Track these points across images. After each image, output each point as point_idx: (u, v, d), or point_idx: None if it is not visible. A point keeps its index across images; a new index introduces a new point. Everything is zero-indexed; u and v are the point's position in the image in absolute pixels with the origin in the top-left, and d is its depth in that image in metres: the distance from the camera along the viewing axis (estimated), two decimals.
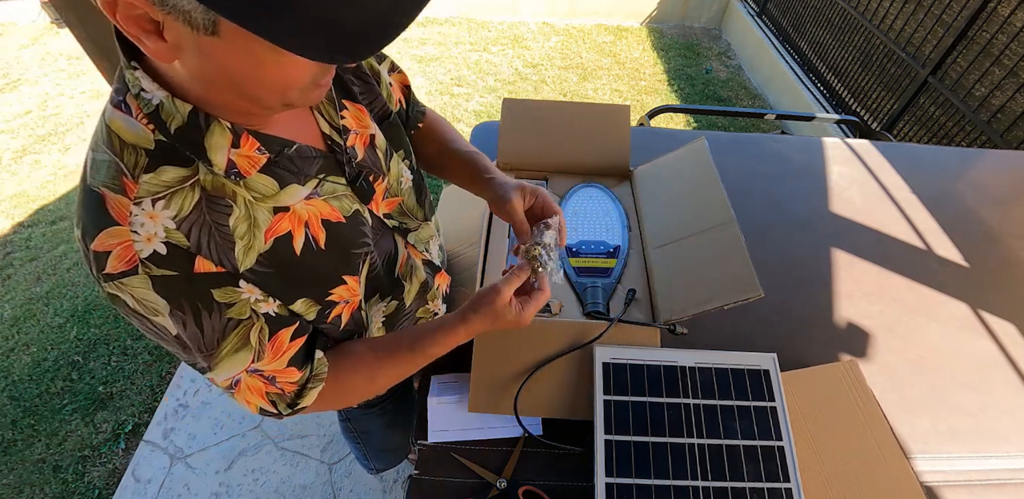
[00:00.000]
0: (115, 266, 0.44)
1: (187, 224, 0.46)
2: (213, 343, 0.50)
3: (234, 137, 0.47)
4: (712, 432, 0.74)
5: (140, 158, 0.45)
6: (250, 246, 0.50)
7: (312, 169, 0.55)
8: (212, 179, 0.47)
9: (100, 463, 1.73)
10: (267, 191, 0.51)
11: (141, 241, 0.44)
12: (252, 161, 0.49)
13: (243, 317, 0.51)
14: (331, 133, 0.58)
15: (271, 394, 0.57)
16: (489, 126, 1.39)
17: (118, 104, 0.45)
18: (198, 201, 0.47)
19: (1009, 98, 2.26)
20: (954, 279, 1.08)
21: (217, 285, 0.49)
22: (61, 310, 2.19)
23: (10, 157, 3.03)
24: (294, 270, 0.54)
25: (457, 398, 0.83)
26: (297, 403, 0.59)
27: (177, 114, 0.45)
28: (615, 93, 3.71)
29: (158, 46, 0.38)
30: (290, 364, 0.57)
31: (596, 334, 0.81)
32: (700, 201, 0.96)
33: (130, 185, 0.44)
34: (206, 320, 0.49)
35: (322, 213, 0.56)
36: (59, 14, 1.37)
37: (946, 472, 0.80)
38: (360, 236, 0.62)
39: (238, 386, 0.54)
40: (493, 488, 0.74)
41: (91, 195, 0.45)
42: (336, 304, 0.61)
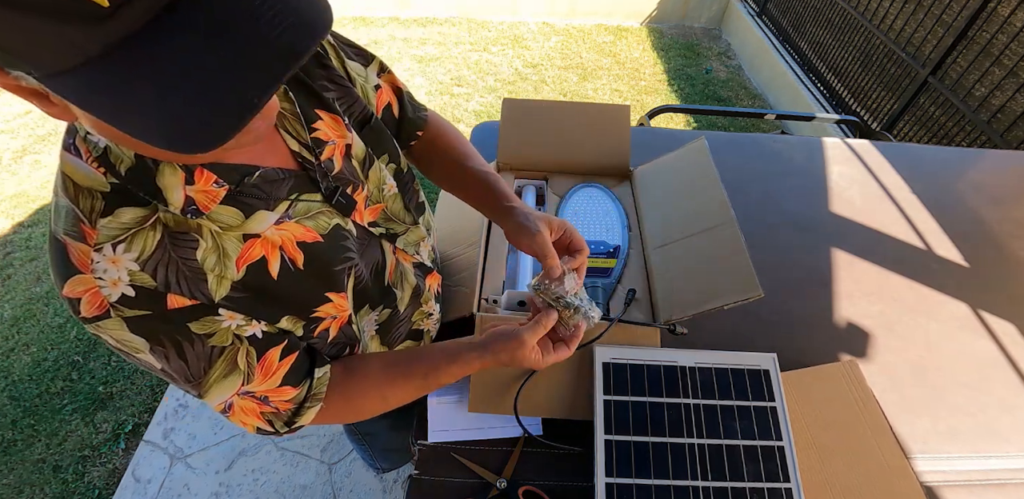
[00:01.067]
0: (88, 311, 0.44)
1: (151, 263, 0.45)
2: (200, 372, 0.50)
3: (187, 174, 0.45)
4: (712, 432, 0.74)
5: (96, 202, 0.43)
6: (222, 276, 0.49)
7: (283, 191, 0.52)
8: (172, 217, 0.46)
9: (100, 463, 1.73)
10: (232, 222, 0.49)
11: (107, 286, 0.44)
12: (210, 195, 0.47)
13: (226, 344, 0.50)
14: (300, 150, 0.54)
15: (266, 414, 0.56)
16: (489, 126, 1.39)
17: (68, 147, 0.44)
18: (160, 239, 0.45)
19: (1009, 98, 2.26)
20: (954, 279, 1.08)
21: (194, 318, 0.48)
22: (61, 310, 2.19)
23: (10, 157, 3.03)
24: (272, 293, 0.53)
25: (457, 398, 0.83)
26: (294, 421, 0.58)
27: (124, 156, 0.43)
28: (615, 93, 3.71)
29: (51, 110, 0.35)
30: (284, 383, 0.56)
31: (596, 334, 0.81)
32: (700, 201, 0.96)
33: (88, 231, 0.43)
34: (188, 352, 0.48)
35: (296, 236, 0.54)
36: None
37: (946, 472, 0.80)
38: (342, 252, 0.59)
39: (232, 409, 0.54)
40: (493, 488, 0.74)
41: (55, 244, 0.44)
42: (322, 320, 0.60)
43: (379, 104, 0.70)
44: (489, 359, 0.62)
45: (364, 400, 0.63)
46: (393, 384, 0.63)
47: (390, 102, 0.72)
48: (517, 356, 0.60)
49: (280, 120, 0.53)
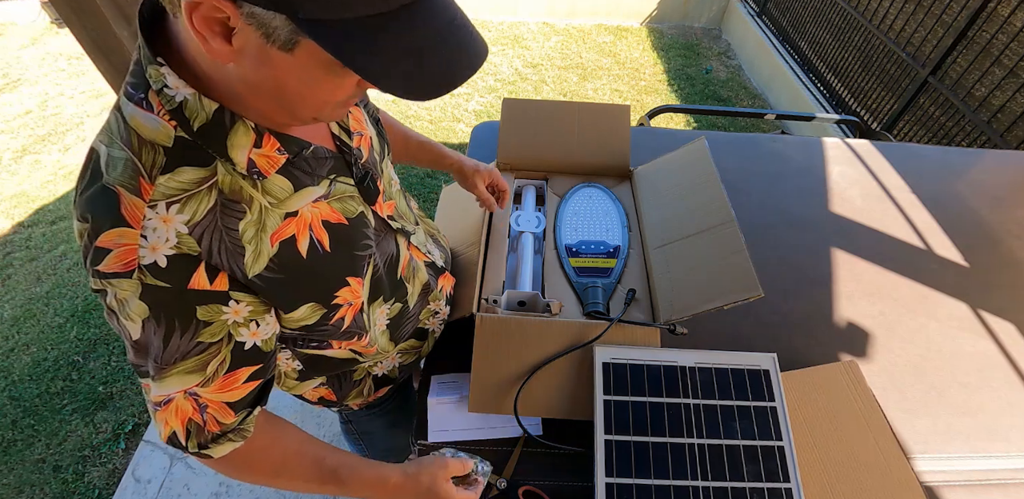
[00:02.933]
0: (111, 265, 0.44)
1: (199, 229, 0.45)
2: (171, 360, 0.49)
3: (256, 137, 0.48)
4: (712, 432, 0.74)
5: (158, 157, 0.44)
6: (259, 251, 0.50)
7: (324, 170, 0.56)
8: (231, 181, 0.47)
9: (100, 463, 1.73)
10: (282, 194, 0.51)
11: (146, 248, 0.44)
12: (272, 161, 0.49)
13: (213, 340, 0.50)
14: (340, 134, 0.59)
15: (192, 422, 0.53)
16: (489, 126, 1.39)
17: (139, 101, 0.45)
18: (213, 205, 0.46)
19: (1009, 98, 2.26)
20: (954, 279, 1.08)
21: (204, 302, 0.48)
22: (61, 310, 2.19)
23: (10, 157, 3.04)
24: (301, 273, 0.54)
25: (457, 398, 0.83)
26: (208, 446, 0.55)
27: (201, 111, 0.45)
28: (615, 93, 3.71)
29: (221, 48, 0.38)
30: (231, 405, 0.55)
31: (596, 334, 0.81)
32: (700, 201, 0.96)
33: (146, 186, 0.44)
34: (175, 339, 0.48)
35: (323, 215, 0.56)
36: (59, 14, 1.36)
37: (946, 472, 0.80)
38: (363, 238, 0.62)
39: (167, 405, 0.52)
40: (493, 488, 0.74)
41: (106, 192, 0.44)
42: (340, 307, 0.61)
43: None
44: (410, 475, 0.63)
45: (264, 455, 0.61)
46: (299, 453, 0.63)
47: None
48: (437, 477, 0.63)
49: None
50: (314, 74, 0.41)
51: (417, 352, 0.88)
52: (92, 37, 1.31)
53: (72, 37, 1.43)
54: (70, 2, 1.26)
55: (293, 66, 0.40)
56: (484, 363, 0.80)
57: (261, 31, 0.37)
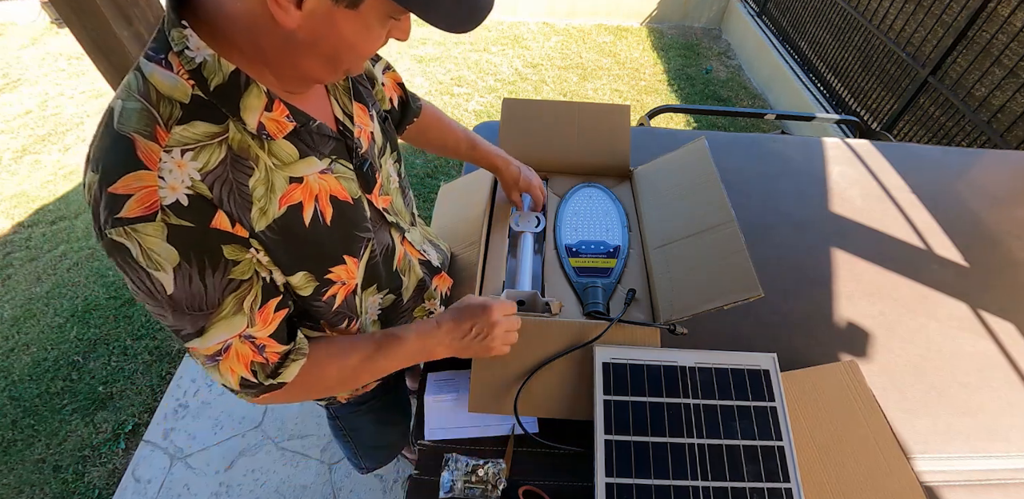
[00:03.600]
0: (133, 210, 0.44)
1: (211, 177, 0.47)
2: (215, 302, 0.50)
3: (268, 101, 0.50)
4: (712, 432, 0.74)
5: (175, 110, 0.46)
6: (265, 210, 0.52)
7: (326, 149, 0.58)
8: (240, 139, 0.50)
9: (100, 463, 1.73)
10: (287, 159, 0.54)
11: (166, 188, 0.45)
12: (280, 126, 0.52)
13: (244, 277, 0.51)
14: (343, 118, 0.62)
15: (255, 363, 0.56)
16: (489, 126, 1.39)
17: (159, 61, 0.47)
18: (224, 158, 0.48)
19: (1009, 98, 2.26)
20: (954, 279, 1.08)
21: (228, 242, 0.49)
22: (61, 310, 2.19)
23: (10, 157, 3.04)
24: (300, 241, 0.56)
25: (454, 396, 0.83)
26: (279, 373, 0.58)
27: (219, 72, 0.47)
28: (615, 93, 3.71)
29: (294, 15, 0.43)
30: (274, 334, 0.57)
31: (596, 334, 0.81)
32: (700, 201, 0.96)
33: (161, 133, 0.45)
34: (209, 277, 0.49)
35: (332, 189, 0.58)
36: (59, 14, 1.36)
37: (946, 472, 0.80)
38: (363, 220, 0.64)
39: (227, 352, 0.53)
40: (495, 488, 0.74)
41: (120, 139, 0.45)
42: (333, 283, 0.63)
43: (387, 95, 0.79)
44: (445, 315, 0.68)
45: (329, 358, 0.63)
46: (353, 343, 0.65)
47: (391, 97, 0.81)
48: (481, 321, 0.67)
49: (333, 89, 0.62)
50: (370, 25, 0.47)
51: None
52: (92, 37, 1.31)
53: (72, 37, 1.43)
54: (70, 2, 1.26)
55: (355, 21, 0.45)
56: (484, 363, 0.80)
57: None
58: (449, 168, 2.95)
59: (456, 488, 0.72)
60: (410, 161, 2.95)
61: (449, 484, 0.73)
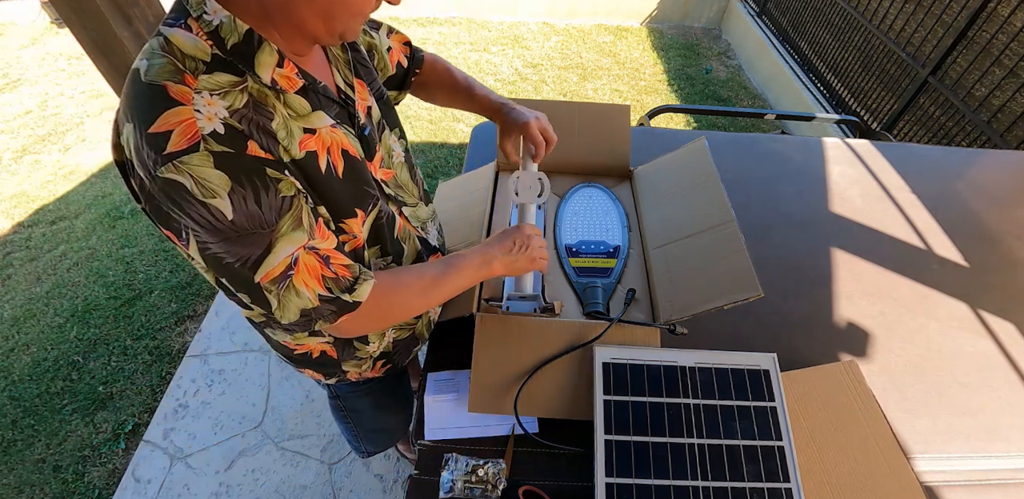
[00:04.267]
0: (177, 143, 0.47)
1: (239, 115, 0.51)
2: (272, 220, 0.53)
3: (279, 59, 0.55)
4: (712, 432, 0.74)
5: (199, 65, 0.50)
6: (288, 148, 0.55)
7: (331, 112, 0.62)
8: (258, 89, 0.54)
9: (100, 463, 1.73)
10: (301, 110, 0.58)
11: (203, 119, 0.48)
12: (291, 82, 0.56)
13: (292, 194, 0.54)
14: (345, 88, 0.66)
15: (327, 277, 0.58)
16: (489, 126, 1.39)
17: (178, 26, 0.51)
18: (247, 101, 0.52)
19: (1009, 98, 2.26)
20: (954, 279, 1.08)
21: (267, 165, 0.52)
22: (61, 310, 2.19)
23: (10, 157, 3.04)
24: (318, 186, 0.59)
25: (454, 396, 0.83)
26: (355, 289, 0.61)
27: (235, 32, 0.52)
28: (615, 93, 3.71)
29: None
30: (336, 248, 0.61)
31: (596, 334, 0.81)
32: (700, 201, 0.96)
33: (189, 79, 0.49)
34: (264, 198, 0.51)
35: (343, 143, 0.62)
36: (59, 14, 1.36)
37: (946, 472, 0.80)
38: (370, 177, 0.68)
39: (296, 265, 0.56)
40: (495, 488, 0.74)
41: (152, 87, 0.48)
42: (344, 233, 0.65)
43: (392, 62, 0.85)
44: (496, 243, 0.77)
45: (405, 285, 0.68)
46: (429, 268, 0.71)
47: (399, 61, 0.87)
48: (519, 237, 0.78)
49: (335, 61, 0.66)
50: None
51: (412, 329, 0.90)
52: (92, 37, 1.31)
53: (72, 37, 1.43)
54: (70, 2, 1.26)
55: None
56: (484, 363, 0.80)
57: None
58: (449, 168, 2.95)
59: (456, 488, 0.72)
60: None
61: (449, 484, 0.73)
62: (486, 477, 0.73)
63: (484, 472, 0.73)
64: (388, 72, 0.85)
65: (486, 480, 0.72)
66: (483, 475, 0.73)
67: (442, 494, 0.73)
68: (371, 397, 1.04)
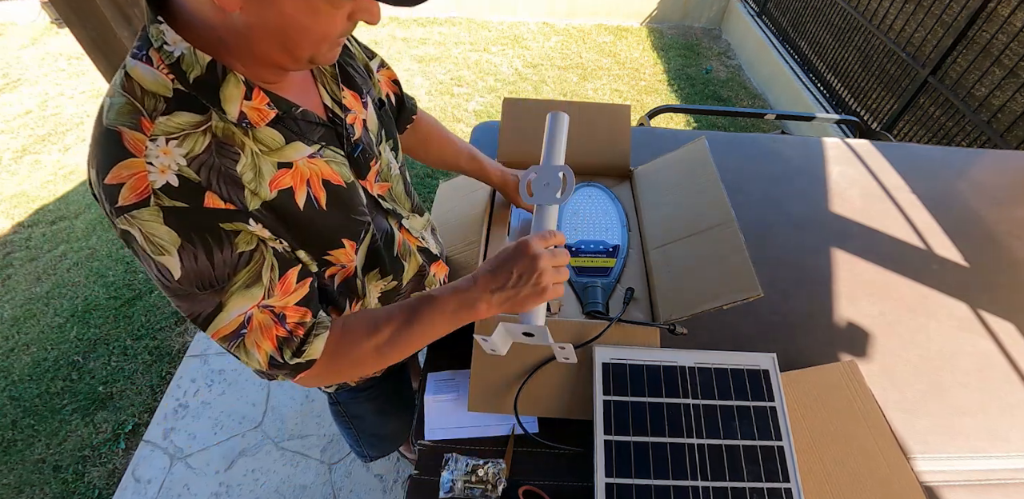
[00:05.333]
0: (127, 197, 0.46)
1: (197, 163, 0.48)
2: (224, 277, 0.51)
3: (247, 90, 0.51)
4: (712, 432, 0.74)
5: (158, 103, 0.48)
6: (256, 192, 0.52)
7: (314, 135, 0.58)
8: (223, 127, 0.50)
9: (100, 463, 1.73)
10: (273, 145, 0.54)
11: (155, 172, 0.46)
12: (262, 114, 0.52)
13: (251, 248, 0.52)
14: (332, 106, 0.61)
15: (280, 338, 0.55)
16: (489, 126, 1.39)
17: (141, 57, 0.49)
18: (209, 144, 0.49)
19: (1009, 98, 2.26)
20: (954, 279, 1.08)
21: (224, 219, 0.50)
22: (61, 310, 2.19)
23: (10, 157, 3.04)
24: (296, 224, 0.56)
25: (454, 396, 0.83)
26: (303, 350, 0.56)
27: (197, 65, 0.48)
28: (615, 93, 3.71)
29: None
30: (300, 304, 0.56)
31: (595, 334, 0.81)
32: (700, 201, 0.96)
33: (146, 124, 0.47)
34: (217, 255, 0.50)
35: (323, 173, 0.58)
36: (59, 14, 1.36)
37: (946, 472, 0.80)
38: (359, 203, 0.64)
39: (250, 324, 0.53)
40: (495, 488, 0.74)
41: (108, 134, 0.47)
42: (332, 265, 0.63)
43: (382, 92, 0.79)
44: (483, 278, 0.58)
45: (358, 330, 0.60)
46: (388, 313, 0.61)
47: (389, 93, 0.81)
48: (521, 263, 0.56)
49: (320, 76, 0.61)
50: (315, 5, 0.46)
51: None
52: (92, 37, 1.31)
53: (72, 37, 1.43)
54: (70, 2, 1.26)
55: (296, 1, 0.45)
56: (484, 363, 0.80)
57: None
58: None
59: (456, 488, 0.72)
60: (410, 161, 2.95)
61: (449, 484, 0.73)
62: (486, 477, 0.73)
63: (484, 472, 0.73)
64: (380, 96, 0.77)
65: (486, 480, 0.72)
66: (483, 475, 0.73)
67: (442, 494, 0.73)
68: (373, 403, 1.03)
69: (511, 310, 0.59)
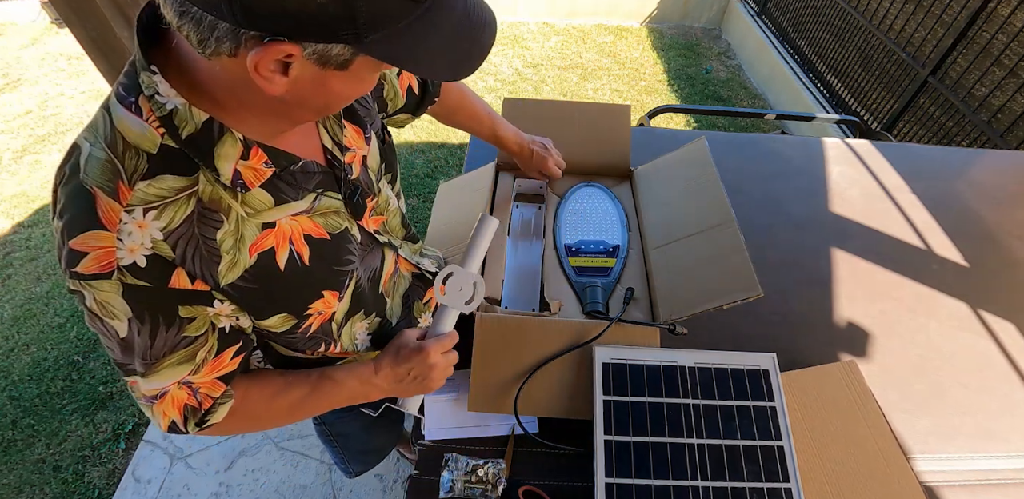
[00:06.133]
0: (89, 268, 0.44)
1: (174, 237, 0.46)
2: (159, 355, 0.50)
3: (244, 149, 0.47)
4: (712, 432, 0.74)
5: (140, 163, 0.44)
6: (235, 262, 0.50)
7: (311, 184, 0.56)
8: (211, 190, 0.47)
9: (100, 463, 1.73)
10: (261, 207, 0.51)
11: (124, 250, 0.44)
12: (258, 173, 0.49)
13: (198, 333, 0.51)
14: (333, 148, 0.59)
15: (188, 407, 0.56)
16: None
17: (129, 105, 0.44)
18: (190, 214, 0.46)
19: (1009, 98, 2.26)
20: (954, 279, 1.08)
21: (186, 301, 0.49)
22: (61, 310, 2.19)
23: (10, 157, 3.04)
24: (277, 285, 0.55)
25: (454, 396, 0.83)
26: (206, 420, 0.58)
27: (191, 121, 0.44)
28: (615, 93, 3.71)
29: (280, 83, 0.40)
30: (221, 379, 0.57)
31: (596, 333, 0.81)
32: (700, 201, 0.96)
33: (124, 190, 0.43)
34: (161, 335, 0.49)
35: (304, 229, 0.56)
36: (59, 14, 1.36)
37: (946, 472, 0.80)
38: (345, 253, 0.62)
39: (163, 398, 0.54)
40: (496, 489, 0.74)
41: (82, 192, 0.44)
42: (311, 316, 0.61)
43: (403, 87, 0.77)
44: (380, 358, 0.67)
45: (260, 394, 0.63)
46: (288, 382, 0.65)
47: (411, 84, 0.79)
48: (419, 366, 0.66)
49: (322, 118, 0.58)
50: (362, 78, 0.46)
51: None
52: (92, 37, 1.32)
53: (72, 37, 1.43)
54: (70, 2, 1.26)
55: (346, 79, 0.44)
56: (483, 363, 0.80)
57: (318, 61, 0.40)
58: (449, 168, 2.95)
59: (456, 488, 0.72)
60: (410, 161, 2.95)
61: (449, 484, 0.73)
62: (486, 477, 0.73)
63: (484, 472, 0.73)
64: (399, 101, 0.77)
65: (486, 480, 0.72)
66: (483, 475, 0.73)
67: (442, 494, 0.73)
68: (359, 422, 0.99)
69: (398, 396, 0.71)
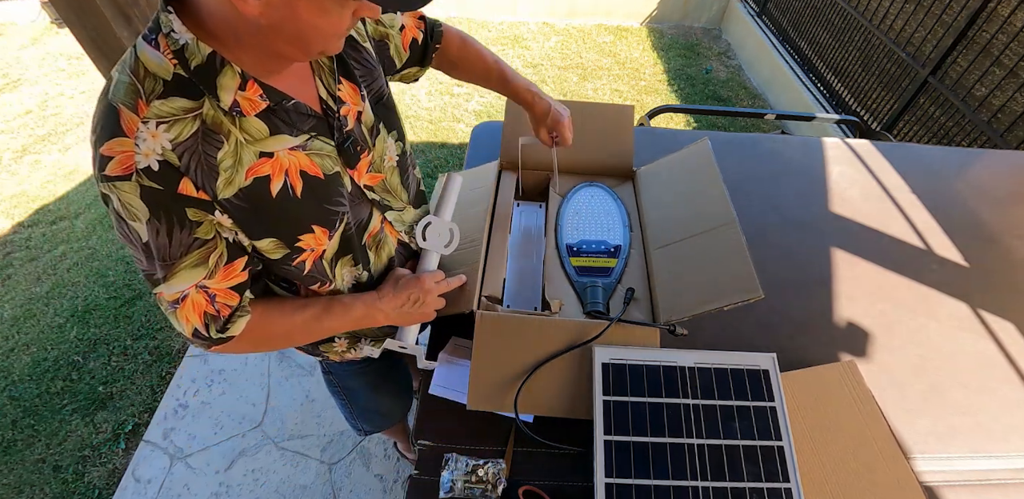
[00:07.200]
0: (114, 169, 0.52)
1: (181, 148, 0.53)
2: (176, 255, 0.57)
3: (242, 81, 0.55)
4: (712, 432, 0.74)
5: (157, 86, 0.52)
6: (231, 180, 0.57)
7: (305, 126, 0.62)
8: (214, 114, 0.55)
9: (100, 463, 1.73)
10: (258, 135, 0.58)
11: (140, 154, 0.52)
12: (253, 104, 0.57)
13: (208, 237, 0.58)
14: (327, 98, 0.65)
15: (208, 315, 0.62)
16: (489, 126, 1.39)
17: (150, 41, 0.53)
18: (196, 131, 0.54)
19: (1009, 98, 2.26)
20: (954, 279, 1.08)
21: (192, 205, 0.56)
22: (61, 310, 2.19)
23: (10, 157, 3.04)
24: (267, 210, 0.61)
25: (467, 363, 0.83)
26: (227, 328, 0.64)
27: (198, 54, 0.53)
28: (615, 93, 3.71)
29: (249, 3, 0.47)
30: (234, 289, 0.63)
31: (596, 333, 0.81)
32: (702, 202, 0.96)
33: (142, 106, 0.52)
34: (176, 234, 0.56)
35: (302, 165, 0.63)
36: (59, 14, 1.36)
37: (946, 472, 0.80)
38: (336, 195, 0.68)
39: (184, 301, 0.60)
40: (496, 488, 0.74)
41: (110, 108, 0.52)
42: (304, 251, 0.67)
43: (405, 42, 0.83)
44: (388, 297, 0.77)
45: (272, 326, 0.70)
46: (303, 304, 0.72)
47: (415, 37, 0.85)
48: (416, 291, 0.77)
49: (318, 69, 0.65)
50: (327, 7, 0.50)
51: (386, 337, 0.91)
52: (92, 37, 1.31)
53: (72, 37, 1.43)
54: (70, 2, 1.26)
55: (311, 4, 0.49)
56: (483, 361, 0.80)
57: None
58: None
59: (456, 488, 0.72)
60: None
61: (449, 484, 0.73)
62: (486, 477, 0.73)
63: (484, 472, 0.73)
64: (403, 55, 0.83)
65: (486, 480, 0.72)
66: (483, 475, 0.73)
67: (442, 494, 0.73)
68: (365, 377, 1.05)
69: (400, 324, 0.82)
